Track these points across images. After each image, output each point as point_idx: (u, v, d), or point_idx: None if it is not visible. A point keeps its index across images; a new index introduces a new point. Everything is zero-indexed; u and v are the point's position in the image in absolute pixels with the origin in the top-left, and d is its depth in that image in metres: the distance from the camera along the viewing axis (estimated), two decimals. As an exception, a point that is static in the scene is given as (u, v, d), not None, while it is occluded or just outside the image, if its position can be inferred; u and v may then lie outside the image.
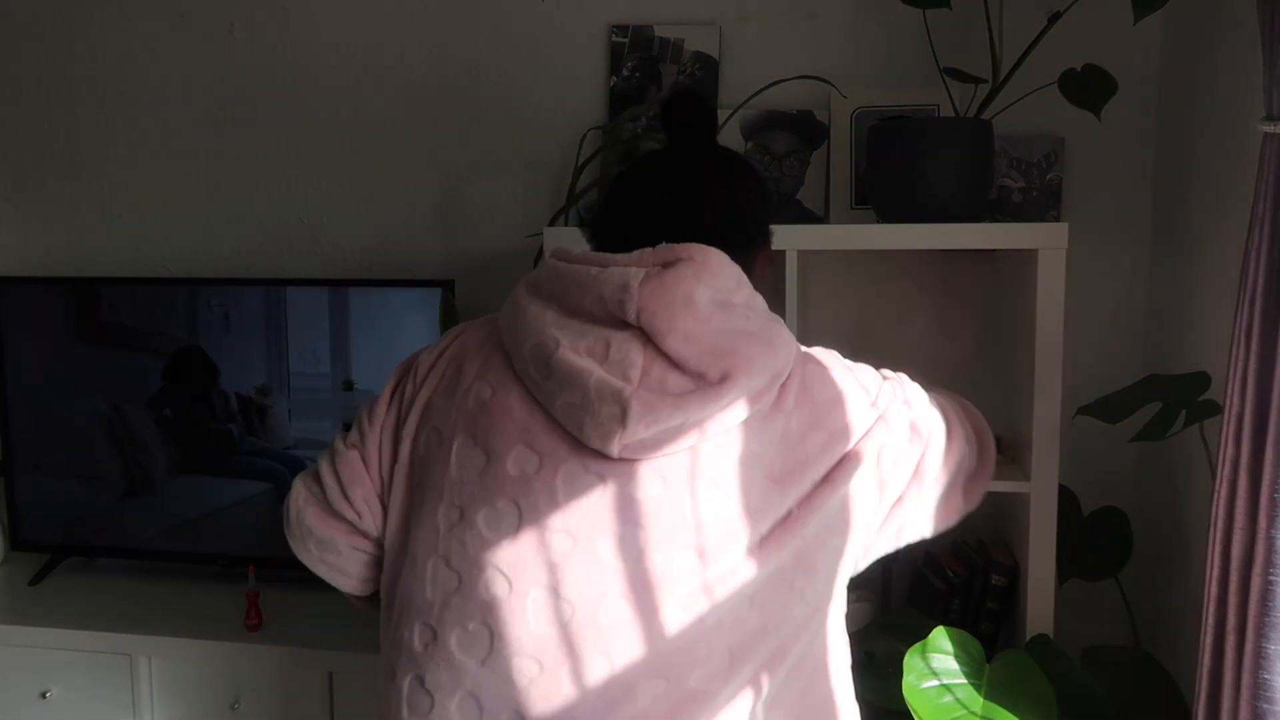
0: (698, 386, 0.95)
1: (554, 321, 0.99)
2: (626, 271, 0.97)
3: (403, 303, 1.92)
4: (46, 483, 2.12)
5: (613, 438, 0.94)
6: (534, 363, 0.98)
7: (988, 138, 1.56)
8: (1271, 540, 1.01)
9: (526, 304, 1.03)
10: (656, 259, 0.98)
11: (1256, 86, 1.17)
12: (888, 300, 1.86)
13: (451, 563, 0.99)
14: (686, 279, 0.96)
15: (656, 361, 0.95)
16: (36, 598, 2.04)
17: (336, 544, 1.11)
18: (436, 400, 1.06)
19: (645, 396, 0.94)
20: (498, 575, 0.96)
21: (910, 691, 1.20)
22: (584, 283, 0.99)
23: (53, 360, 2.08)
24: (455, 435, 1.02)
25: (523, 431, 0.99)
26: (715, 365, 0.95)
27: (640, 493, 0.96)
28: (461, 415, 1.02)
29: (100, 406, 2.07)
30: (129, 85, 2.15)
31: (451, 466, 1.01)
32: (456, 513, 0.99)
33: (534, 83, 1.98)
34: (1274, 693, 1.01)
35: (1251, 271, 1.06)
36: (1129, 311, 1.81)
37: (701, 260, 0.98)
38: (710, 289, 0.97)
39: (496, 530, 0.97)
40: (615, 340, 0.96)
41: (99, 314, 2.05)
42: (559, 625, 0.95)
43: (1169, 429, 1.34)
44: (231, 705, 1.84)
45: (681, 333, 0.95)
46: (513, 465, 0.98)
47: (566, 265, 1.01)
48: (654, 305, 0.95)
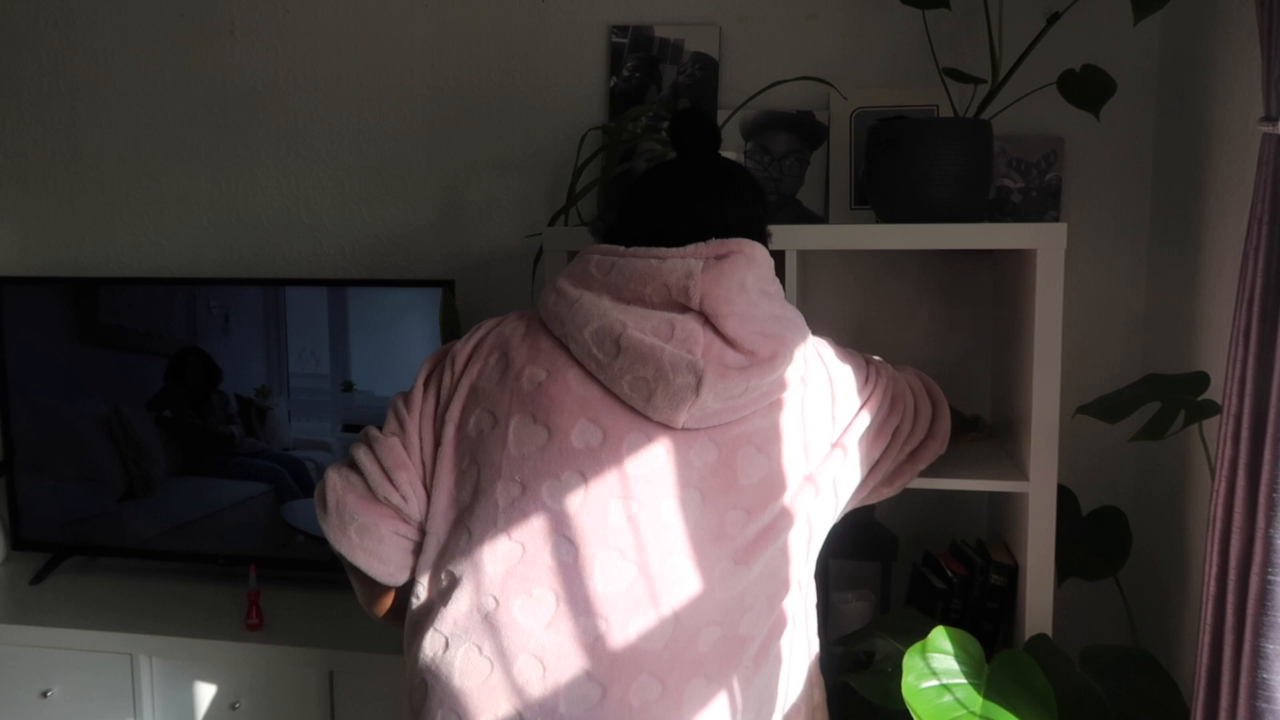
0: (752, 363, 1.08)
1: (613, 307, 1.10)
2: (688, 262, 1.09)
3: (403, 303, 1.92)
4: (47, 482, 2.12)
5: (683, 406, 1.06)
6: (599, 344, 1.08)
7: (987, 138, 1.56)
8: (1270, 539, 1.01)
9: (577, 294, 1.12)
10: (710, 251, 1.10)
11: (1255, 86, 1.17)
12: (888, 300, 1.86)
13: (514, 535, 1.07)
14: (740, 268, 1.10)
15: (715, 341, 1.08)
16: (37, 597, 2.04)
17: (379, 529, 1.14)
18: (484, 385, 1.14)
19: (715, 370, 1.06)
20: (564, 542, 1.06)
21: (910, 691, 1.21)
22: (645, 272, 1.10)
23: (53, 360, 2.08)
24: (511, 416, 1.10)
25: (584, 407, 1.09)
26: (765, 345, 1.09)
27: (698, 459, 1.08)
28: (516, 397, 1.11)
29: (100, 407, 2.07)
30: (129, 85, 2.15)
31: (509, 445, 1.09)
32: (518, 488, 1.08)
33: (534, 83, 1.98)
34: (1272, 691, 1.01)
35: (1250, 271, 1.06)
36: (1128, 311, 1.81)
37: (750, 253, 1.12)
38: (757, 278, 1.11)
39: (561, 500, 1.06)
40: (678, 322, 1.08)
41: (99, 314, 2.05)
42: (625, 584, 1.05)
43: (1168, 428, 1.35)
44: (231, 705, 1.84)
45: (738, 316, 1.08)
46: (577, 438, 1.08)
47: (624, 258, 1.12)
48: (715, 290, 1.08)
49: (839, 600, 1.68)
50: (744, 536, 1.08)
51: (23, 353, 2.09)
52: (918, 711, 1.19)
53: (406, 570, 1.17)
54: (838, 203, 1.84)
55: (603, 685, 1.02)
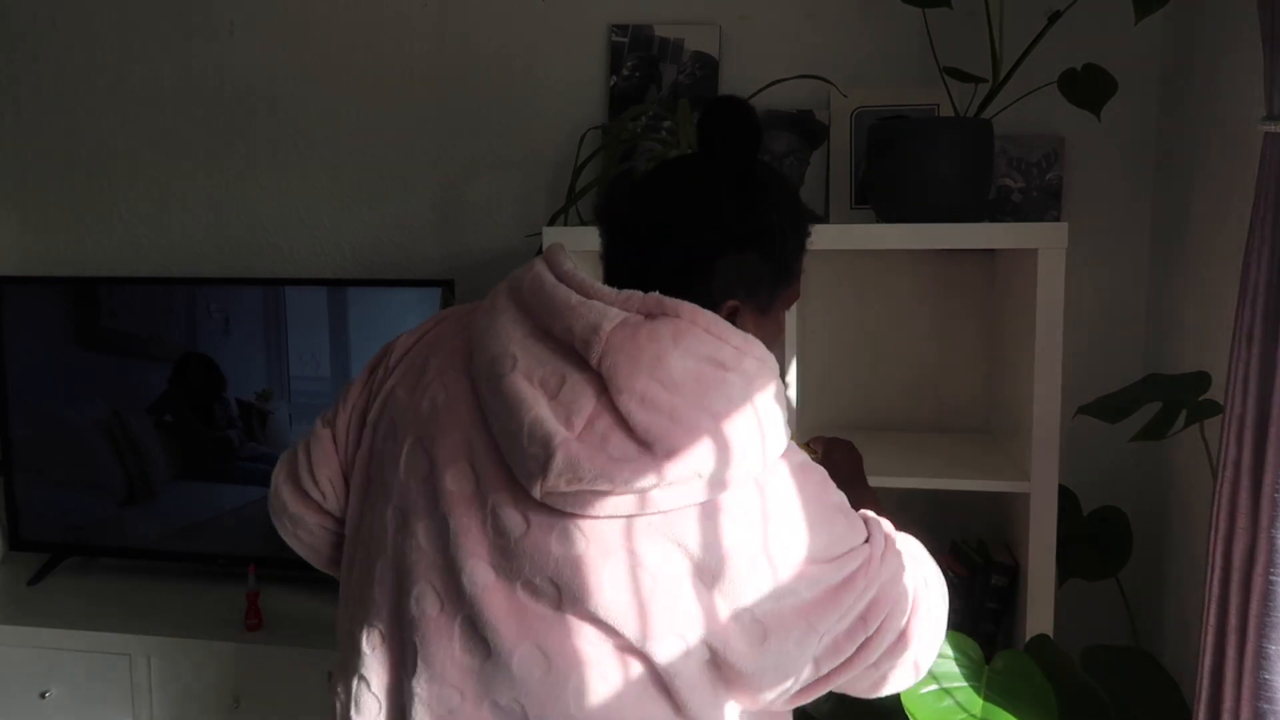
0: (639, 456, 0.85)
1: (520, 339, 0.92)
2: (604, 311, 0.88)
3: (402, 303, 1.91)
4: (46, 482, 2.12)
5: (535, 480, 0.87)
6: (486, 379, 0.92)
7: (988, 137, 1.56)
8: (1272, 540, 1.01)
9: (502, 308, 0.96)
10: (642, 306, 0.89)
11: (1257, 86, 1.17)
12: (888, 300, 1.86)
13: (395, 566, 0.96)
14: (663, 338, 0.86)
15: (605, 415, 0.86)
16: (36, 598, 2.04)
17: (306, 521, 1.12)
18: (399, 392, 1.02)
19: (575, 450, 0.85)
20: (429, 592, 0.92)
21: (909, 698, 1.20)
22: (560, 307, 0.90)
23: (52, 360, 2.08)
24: (408, 435, 0.97)
25: (467, 447, 0.93)
26: (666, 439, 0.84)
27: (558, 547, 0.88)
28: (415, 416, 0.98)
29: (98, 406, 2.06)
30: (128, 84, 2.15)
31: (401, 468, 0.97)
32: (401, 516, 0.96)
33: (534, 82, 1.98)
34: (1275, 692, 1.01)
35: (1252, 271, 1.06)
36: (1129, 311, 1.81)
37: (689, 322, 0.88)
38: (692, 356, 0.87)
39: (432, 544, 0.93)
40: (571, 379, 0.88)
41: (98, 313, 2.05)
42: (479, 660, 0.90)
43: (1169, 429, 1.34)
44: (231, 705, 1.84)
45: (639, 394, 0.85)
46: (451, 480, 0.93)
47: (551, 283, 0.93)
48: (619, 356, 0.86)
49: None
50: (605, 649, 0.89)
51: (21, 352, 2.09)
52: (917, 717, 1.19)
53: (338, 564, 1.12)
54: (838, 202, 1.83)
55: None
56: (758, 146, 1.01)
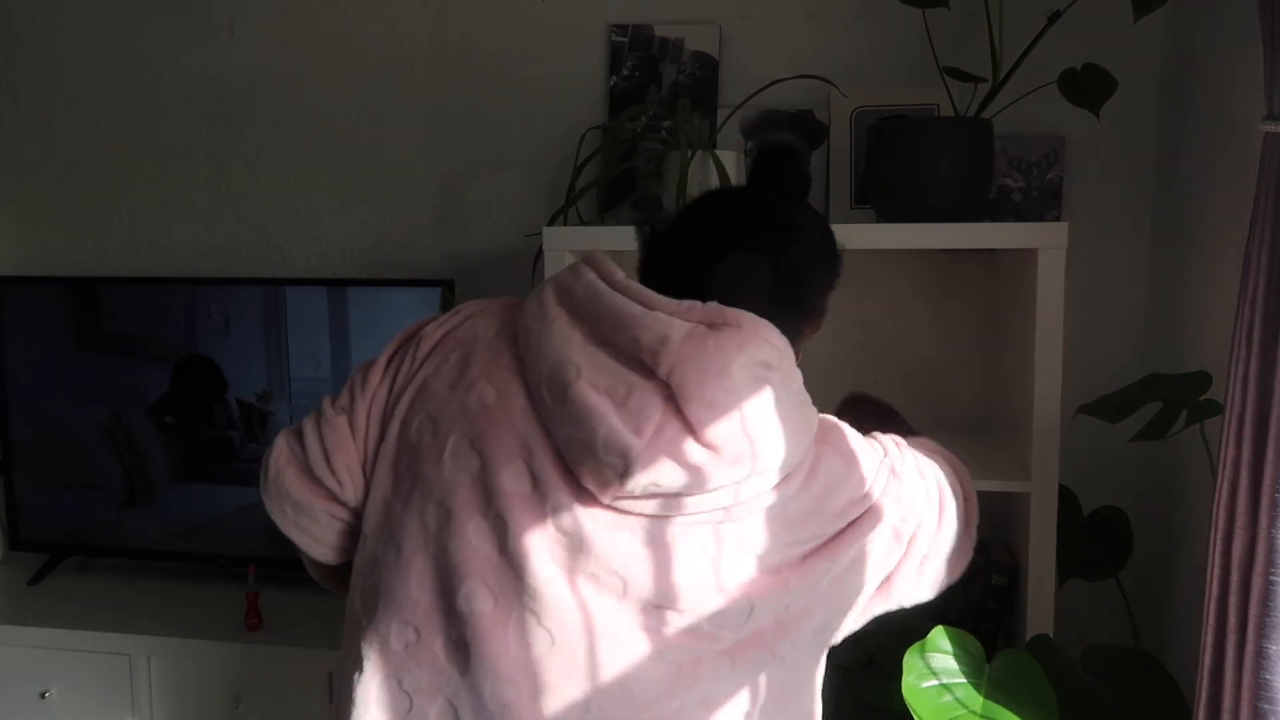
0: (709, 461, 0.90)
1: (580, 346, 0.95)
2: (670, 323, 0.92)
3: (402, 303, 1.91)
4: (46, 483, 2.12)
5: (609, 488, 0.91)
6: (549, 385, 0.94)
7: (988, 137, 1.56)
8: (1272, 540, 1.01)
9: (554, 314, 0.98)
10: (704, 317, 0.93)
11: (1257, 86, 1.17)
12: (888, 300, 1.86)
13: (438, 564, 0.96)
14: (728, 347, 0.91)
15: (673, 421, 0.91)
16: (36, 598, 2.04)
17: (314, 510, 1.07)
18: (436, 386, 1.02)
19: (651, 458, 0.89)
20: (482, 589, 0.94)
21: (910, 691, 1.20)
22: (623, 317, 0.94)
23: (52, 360, 2.08)
24: (452, 432, 0.98)
25: (522, 446, 0.95)
26: (732, 441, 0.90)
27: (626, 542, 0.92)
28: (461, 413, 0.98)
29: (97, 406, 2.06)
30: (127, 85, 2.15)
31: (445, 464, 0.97)
32: (445, 513, 0.96)
33: (534, 82, 1.98)
34: (1275, 692, 1.01)
35: (1253, 271, 1.06)
36: (1129, 311, 1.81)
37: (750, 330, 0.93)
38: (750, 361, 0.92)
39: (486, 542, 0.94)
40: (638, 389, 0.91)
41: (98, 314, 2.05)
42: (539, 651, 0.93)
43: (1169, 429, 1.34)
44: (231, 705, 1.84)
45: (708, 401, 0.90)
46: (508, 479, 0.95)
47: (609, 292, 0.96)
48: (688, 366, 0.90)
49: (839, 600, 1.67)
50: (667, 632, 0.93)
51: (21, 352, 2.09)
52: (918, 711, 1.19)
53: (343, 553, 1.11)
54: (838, 202, 1.83)
55: None
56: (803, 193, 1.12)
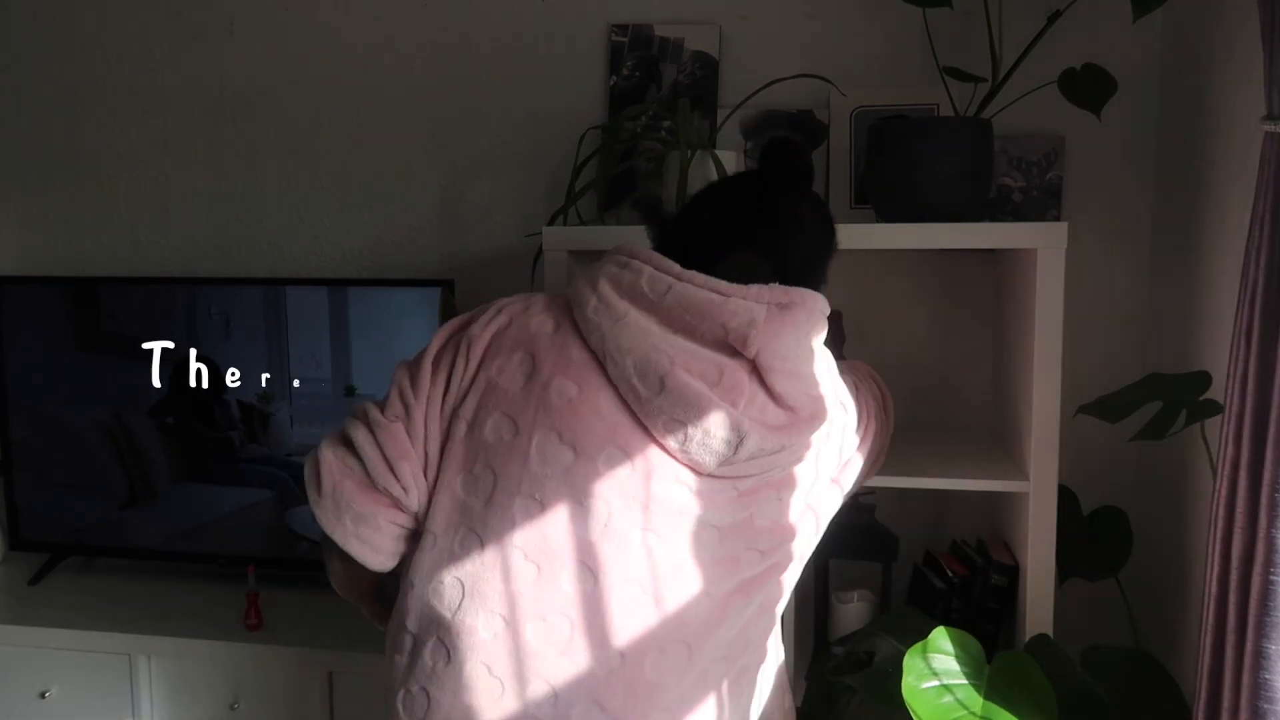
0: (792, 421, 1.05)
1: (661, 337, 1.04)
2: (752, 307, 1.03)
3: (402, 303, 1.91)
4: (46, 483, 2.12)
5: (718, 460, 1.03)
6: (641, 376, 1.03)
7: (987, 137, 1.55)
8: (1272, 539, 1.01)
9: (624, 310, 1.05)
10: (774, 298, 1.05)
11: (1257, 85, 1.17)
12: (887, 300, 1.86)
13: (530, 555, 1.02)
14: (801, 323, 1.06)
15: (760, 392, 1.04)
16: (36, 598, 2.04)
17: (377, 519, 1.09)
18: (506, 385, 1.07)
19: (753, 428, 1.02)
20: (583, 569, 1.02)
21: (910, 692, 1.20)
22: (704, 306, 1.03)
23: (53, 360, 2.08)
24: (536, 429, 1.04)
25: (613, 433, 1.04)
26: (808, 404, 1.06)
27: (721, 499, 1.05)
28: (543, 410, 1.05)
29: (100, 407, 2.06)
30: (128, 84, 2.15)
31: (531, 460, 1.03)
32: (537, 506, 1.03)
33: (534, 82, 1.98)
34: (1274, 692, 1.01)
35: (1252, 270, 1.06)
36: (1129, 311, 1.81)
37: (812, 306, 1.08)
38: (811, 333, 1.08)
39: (583, 526, 1.02)
40: (727, 368, 1.03)
41: (99, 314, 2.05)
42: (642, 619, 1.02)
43: (1169, 428, 1.34)
44: (231, 705, 1.84)
45: (789, 372, 1.04)
46: (604, 464, 1.03)
47: (680, 284, 1.04)
48: (773, 343, 1.03)
49: (839, 600, 1.67)
50: (753, 572, 1.08)
51: (21, 352, 2.09)
52: (918, 712, 1.19)
53: (397, 558, 1.13)
54: (838, 202, 1.84)
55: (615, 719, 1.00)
56: (806, 185, 1.19)
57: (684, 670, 1.02)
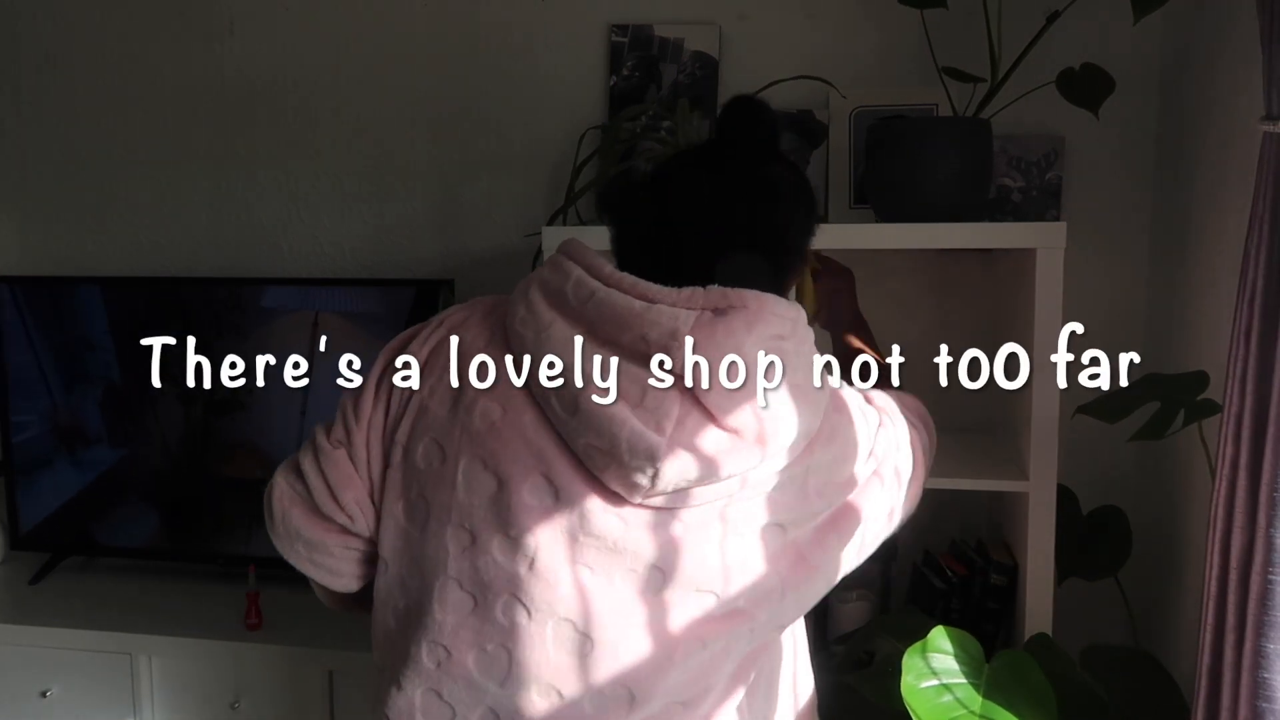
0: (733, 445, 0.90)
1: (583, 351, 0.92)
2: (676, 314, 0.90)
3: (402, 303, 1.91)
4: (46, 482, 2.12)
5: (637, 491, 0.91)
6: (557, 395, 0.92)
7: (986, 137, 1.56)
8: (1271, 539, 1.01)
9: (549, 320, 0.94)
10: (708, 302, 0.91)
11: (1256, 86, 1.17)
12: (887, 299, 1.86)
13: (465, 585, 0.96)
14: (738, 332, 0.90)
15: (693, 412, 0.90)
16: (36, 597, 2.04)
17: (328, 546, 1.06)
18: (435, 408, 0.99)
19: (678, 453, 0.89)
20: (515, 603, 0.95)
21: (909, 691, 1.20)
22: (625, 315, 0.91)
23: (53, 360, 2.08)
24: (461, 455, 0.96)
25: (538, 460, 0.94)
26: (753, 423, 0.90)
27: (660, 535, 0.94)
28: (467, 435, 0.96)
29: (100, 406, 2.06)
30: (128, 84, 2.15)
31: (459, 489, 0.96)
32: (468, 536, 0.96)
33: (533, 82, 1.98)
34: (1273, 691, 1.01)
35: (1251, 270, 1.06)
36: (1128, 311, 1.81)
37: (756, 309, 0.91)
38: (761, 340, 0.91)
39: (511, 559, 0.94)
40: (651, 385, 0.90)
41: (98, 313, 2.05)
42: (579, 657, 0.95)
43: (1168, 428, 1.34)
44: (231, 705, 1.84)
45: (724, 389, 0.89)
46: (529, 494, 0.94)
47: (603, 289, 0.93)
48: (699, 356, 0.89)
49: (839, 600, 1.68)
50: (704, 616, 0.95)
51: (21, 352, 2.09)
52: (917, 711, 1.19)
53: (360, 579, 1.09)
54: (837, 202, 1.84)
55: None
56: (774, 145, 1.03)
57: (628, 713, 0.95)
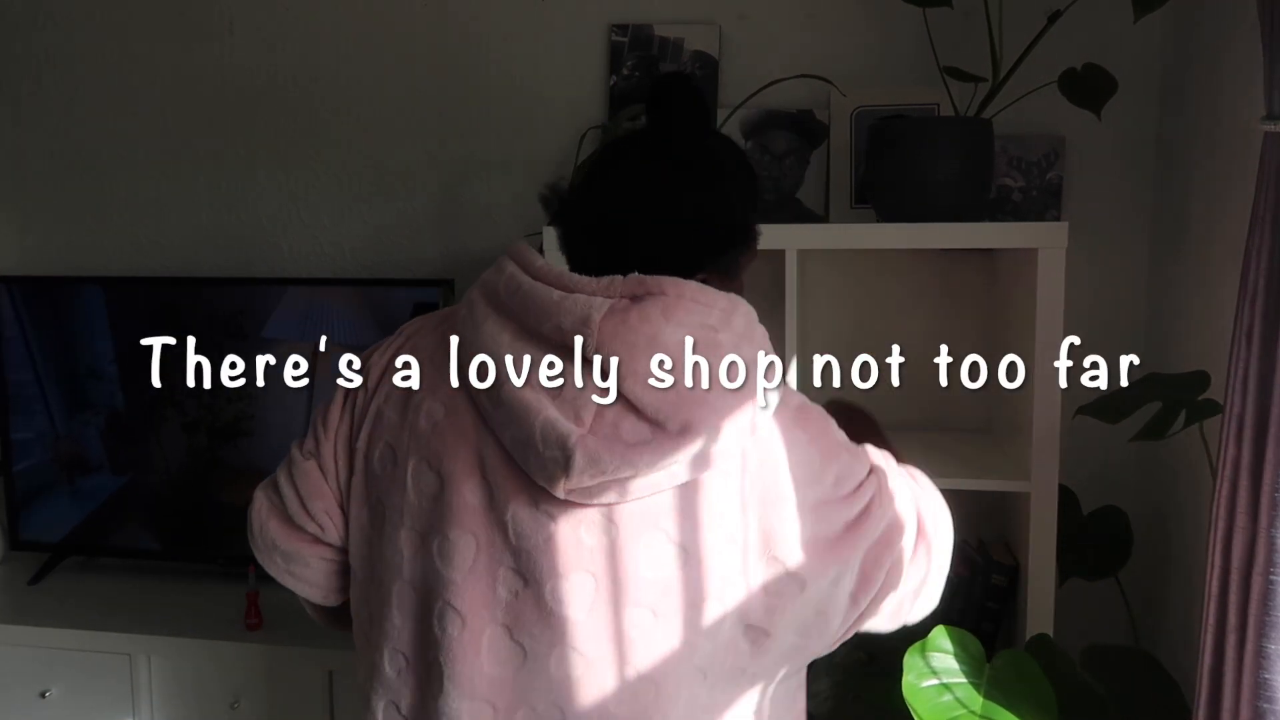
0: (654, 436, 0.86)
1: (509, 343, 0.91)
2: (590, 302, 0.88)
3: (402, 303, 1.91)
4: (46, 482, 2.12)
5: (556, 482, 0.87)
6: (486, 392, 0.91)
7: (988, 137, 1.56)
8: (1272, 539, 1.01)
9: (483, 318, 0.94)
10: (625, 290, 0.88)
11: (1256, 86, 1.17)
12: (888, 300, 1.86)
13: (416, 590, 0.95)
14: (654, 318, 0.87)
15: (616, 404, 0.87)
16: (36, 597, 2.04)
17: (303, 556, 1.07)
18: (388, 413, 0.99)
19: (593, 444, 0.85)
20: (450, 611, 0.92)
21: (910, 690, 1.20)
22: (544, 307, 0.89)
23: (53, 359, 2.08)
24: (410, 456, 0.96)
25: (477, 459, 0.92)
26: (677, 414, 0.86)
27: (589, 537, 0.89)
28: (414, 435, 0.96)
29: (99, 406, 2.06)
30: (127, 84, 2.15)
31: (409, 490, 0.95)
32: (417, 538, 0.95)
33: (534, 82, 1.98)
34: (1274, 692, 1.01)
35: (1252, 270, 1.06)
36: (1129, 311, 1.81)
37: (675, 296, 0.88)
38: (684, 328, 0.87)
39: (450, 562, 0.92)
40: (571, 375, 0.88)
41: (98, 313, 2.05)
42: (513, 668, 0.91)
43: (1169, 428, 1.34)
44: (231, 705, 1.84)
45: (642, 376, 0.86)
46: (470, 493, 0.92)
47: (529, 281, 0.92)
48: (615, 344, 0.86)
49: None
50: (649, 642, 0.90)
51: (22, 352, 2.09)
52: (918, 710, 1.19)
53: (339, 592, 1.11)
54: (838, 202, 1.84)
55: None
56: (708, 123, 1.02)
57: None
